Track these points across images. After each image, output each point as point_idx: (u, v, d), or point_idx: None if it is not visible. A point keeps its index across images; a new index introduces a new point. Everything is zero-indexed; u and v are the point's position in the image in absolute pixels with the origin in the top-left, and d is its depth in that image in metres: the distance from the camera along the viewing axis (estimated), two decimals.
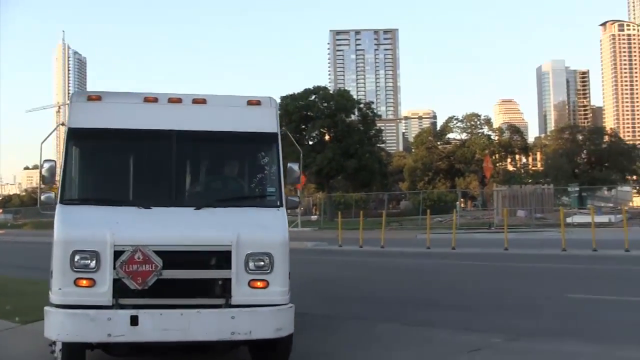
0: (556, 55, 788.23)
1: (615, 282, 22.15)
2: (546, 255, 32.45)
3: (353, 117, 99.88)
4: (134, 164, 11.36)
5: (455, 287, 21.92)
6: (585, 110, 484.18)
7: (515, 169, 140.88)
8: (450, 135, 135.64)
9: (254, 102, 11.55)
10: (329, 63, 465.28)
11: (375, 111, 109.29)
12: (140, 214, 10.27)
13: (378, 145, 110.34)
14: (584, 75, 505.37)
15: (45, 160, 10.68)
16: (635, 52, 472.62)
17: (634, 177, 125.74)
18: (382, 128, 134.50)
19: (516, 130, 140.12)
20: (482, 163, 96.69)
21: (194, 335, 9.53)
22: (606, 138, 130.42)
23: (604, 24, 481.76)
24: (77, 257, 9.48)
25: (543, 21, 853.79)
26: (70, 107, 11.03)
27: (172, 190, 10.72)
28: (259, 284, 9.88)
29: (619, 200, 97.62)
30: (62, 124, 11.13)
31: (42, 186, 11.77)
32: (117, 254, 9.45)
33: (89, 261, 9.48)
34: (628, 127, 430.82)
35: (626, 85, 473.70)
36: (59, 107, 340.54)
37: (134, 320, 9.35)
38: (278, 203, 11.04)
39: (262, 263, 9.91)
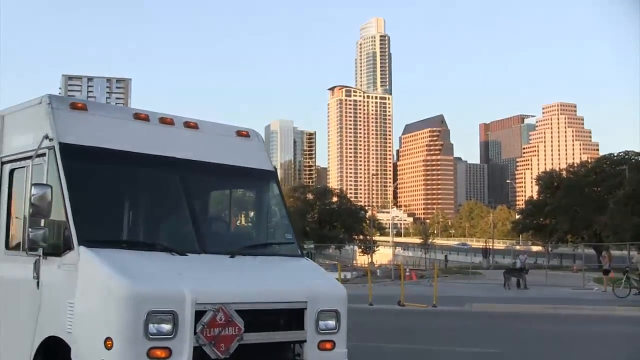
0: (286, 115, 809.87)
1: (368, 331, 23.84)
2: None
3: None
4: (145, 197, 9.81)
5: None
6: (310, 170, 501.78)
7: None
8: None
9: (243, 134, 10.48)
10: None
11: None
12: (187, 262, 8.52)
13: None
14: (311, 136, 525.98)
15: (35, 185, 8.12)
16: (360, 116, 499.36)
17: (360, 237, 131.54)
18: None
19: None
20: None
21: None
22: (335, 198, 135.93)
23: (332, 89, 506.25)
24: (153, 320, 7.43)
25: (274, 81, 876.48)
26: (52, 115, 8.71)
27: (197, 233, 8.99)
28: (327, 345, 8.81)
29: (343, 258, 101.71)
30: (46, 137, 8.62)
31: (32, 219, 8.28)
32: (198, 315, 7.68)
33: (168, 325, 7.50)
34: (351, 188, 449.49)
35: (350, 148, 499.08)
36: None
37: None
38: (299, 252, 10.14)
39: (332, 321, 8.86)
